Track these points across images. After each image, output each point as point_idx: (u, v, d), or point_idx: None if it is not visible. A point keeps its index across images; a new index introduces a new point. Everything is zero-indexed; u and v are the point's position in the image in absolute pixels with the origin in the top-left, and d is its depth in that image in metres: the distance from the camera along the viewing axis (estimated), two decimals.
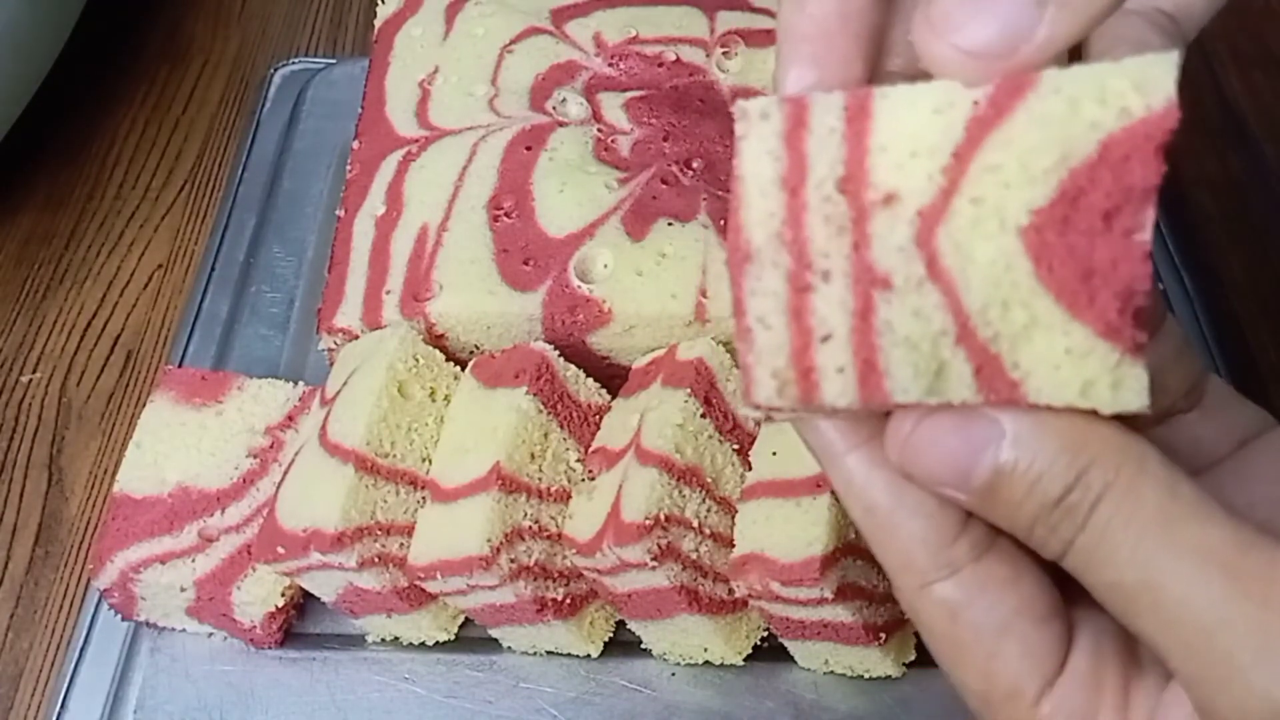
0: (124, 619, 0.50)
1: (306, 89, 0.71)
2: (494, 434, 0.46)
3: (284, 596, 0.48)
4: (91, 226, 0.69)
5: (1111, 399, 0.23)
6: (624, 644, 0.49)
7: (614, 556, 0.43)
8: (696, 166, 0.54)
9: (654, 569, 0.43)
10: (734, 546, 0.45)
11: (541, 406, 0.47)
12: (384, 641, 0.50)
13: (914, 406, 0.24)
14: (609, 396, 0.50)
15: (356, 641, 0.50)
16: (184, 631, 0.50)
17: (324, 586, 0.47)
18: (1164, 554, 0.23)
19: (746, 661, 0.48)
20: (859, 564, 0.43)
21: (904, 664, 0.47)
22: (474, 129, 0.56)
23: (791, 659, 0.49)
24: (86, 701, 0.49)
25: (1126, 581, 0.23)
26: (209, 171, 0.72)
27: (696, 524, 0.44)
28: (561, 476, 0.47)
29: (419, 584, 0.46)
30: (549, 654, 0.49)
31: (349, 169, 0.57)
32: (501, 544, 0.44)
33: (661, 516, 0.43)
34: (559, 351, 0.49)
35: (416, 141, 0.57)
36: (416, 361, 0.49)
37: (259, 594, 0.47)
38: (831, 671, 0.48)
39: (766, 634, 0.49)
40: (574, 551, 0.45)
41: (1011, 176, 0.23)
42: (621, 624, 0.49)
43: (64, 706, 0.49)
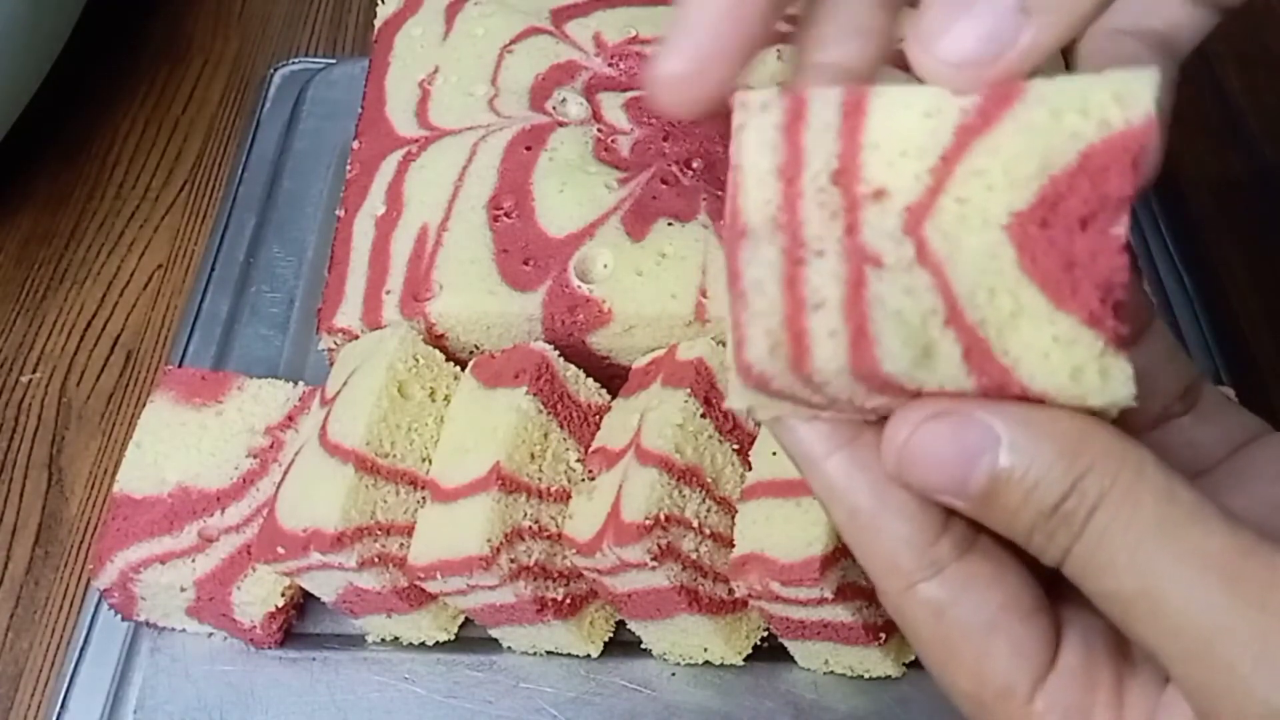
0: (124, 619, 0.50)
1: (306, 89, 0.71)
2: (494, 434, 0.46)
3: (284, 596, 0.48)
4: (91, 226, 0.69)
5: (1100, 387, 0.23)
6: (624, 644, 0.49)
7: (614, 556, 0.43)
8: (696, 166, 0.54)
9: (654, 569, 0.43)
10: (734, 546, 0.45)
11: (541, 406, 0.47)
12: (384, 641, 0.50)
13: (908, 413, 0.25)
14: (609, 396, 0.50)
15: (356, 641, 0.50)
16: (184, 631, 0.50)
17: (324, 586, 0.47)
18: (1162, 560, 0.23)
19: (746, 661, 0.48)
20: (859, 564, 0.43)
21: (904, 664, 0.47)
22: (474, 129, 0.56)
23: (791, 659, 0.49)
24: (86, 701, 0.49)
25: (1125, 589, 0.23)
26: (209, 171, 0.72)
27: (696, 524, 0.44)
28: (561, 476, 0.47)
29: (419, 584, 0.46)
30: (549, 654, 0.49)
31: (349, 169, 0.57)
32: (501, 544, 0.44)
33: (661, 516, 0.43)
34: (559, 351, 0.49)
35: (416, 141, 0.57)
36: (416, 361, 0.49)
37: (259, 594, 0.47)
38: (831, 671, 0.48)
39: (766, 634, 0.49)
40: (574, 551, 0.45)
41: (995, 180, 0.24)
42: (621, 624, 0.49)
43: (64, 706, 0.49)
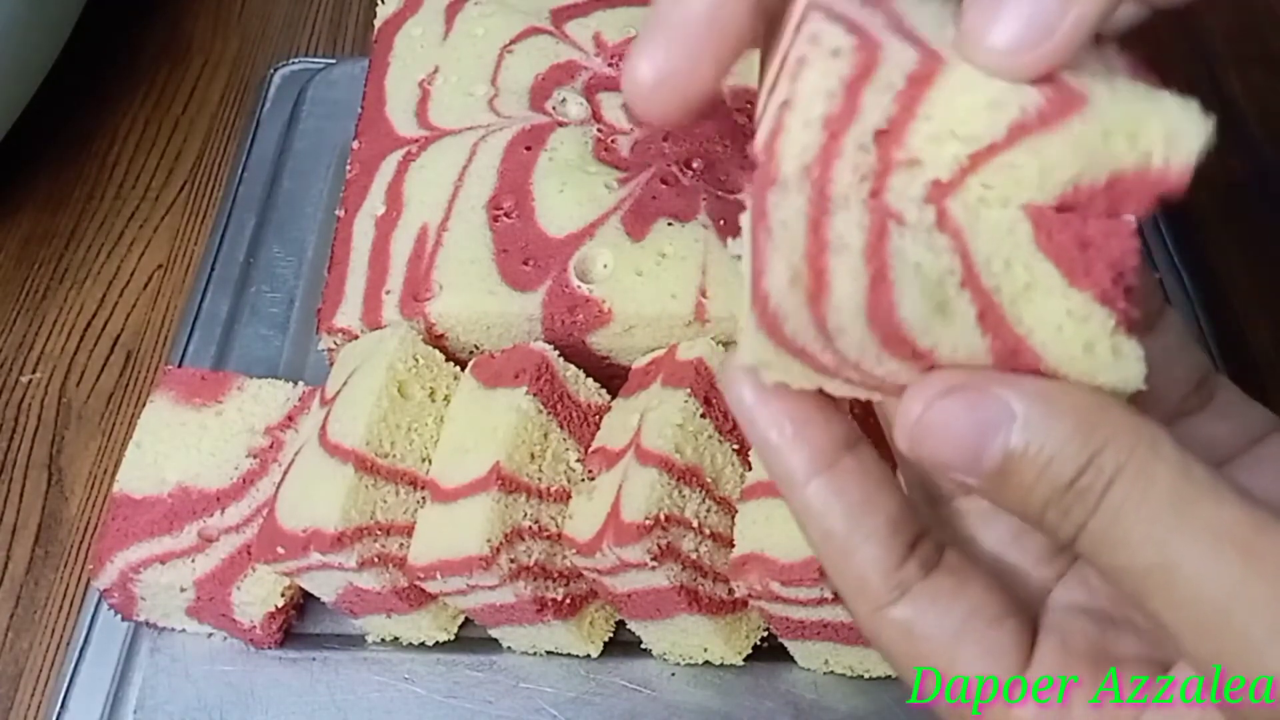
0: (124, 619, 0.50)
1: (306, 89, 0.71)
2: (494, 434, 0.46)
3: (284, 596, 0.48)
4: (91, 226, 0.69)
5: (1112, 364, 0.24)
6: (624, 644, 0.49)
7: (614, 556, 0.43)
8: (696, 166, 0.54)
9: (654, 569, 0.43)
10: (734, 546, 0.45)
11: (541, 406, 0.47)
12: (384, 641, 0.50)
13: (923, 388, 0.25)
14: (609, 396, 0.50)
15: (356, 641, 0.50)
16: (184, 631, 0.50)
17: (324, 586, 0.47)
18: (1178, 534, 0.23)
19: (746, 661, 0.48)
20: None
21: None
22: (474, 129, 0.56)
23: (791, 659, 0.49)
24: (86, 701, 0.49)
25: (1140, 563, 0.23)
26: (209, 171, 0.72)
27: (696, 524, 0.44)
28: (561, 476, 0.47)
29: (419, 584, 0.46)
30: (549, 654, 0.49)
31: (349, 169, 0.57)
32: (501, 544, 0.44)
33: (661, 516, 0.43)
34: (559, 351, 0.49)
35: (416, 141, 0.57)
36: (416, 361, 0.49)
37: (259, 594, 0.47)
38: (831, 671, 0.48)
39: (766, 634, 0.49)
40: (574, 551, 0.45)
41: (1026, 177, 0.24)
42: (621, 624, 0.49)
43: (64, 706, 0.49)
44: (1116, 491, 0.23)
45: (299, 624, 0.50)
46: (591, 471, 0.47)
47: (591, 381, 0.50)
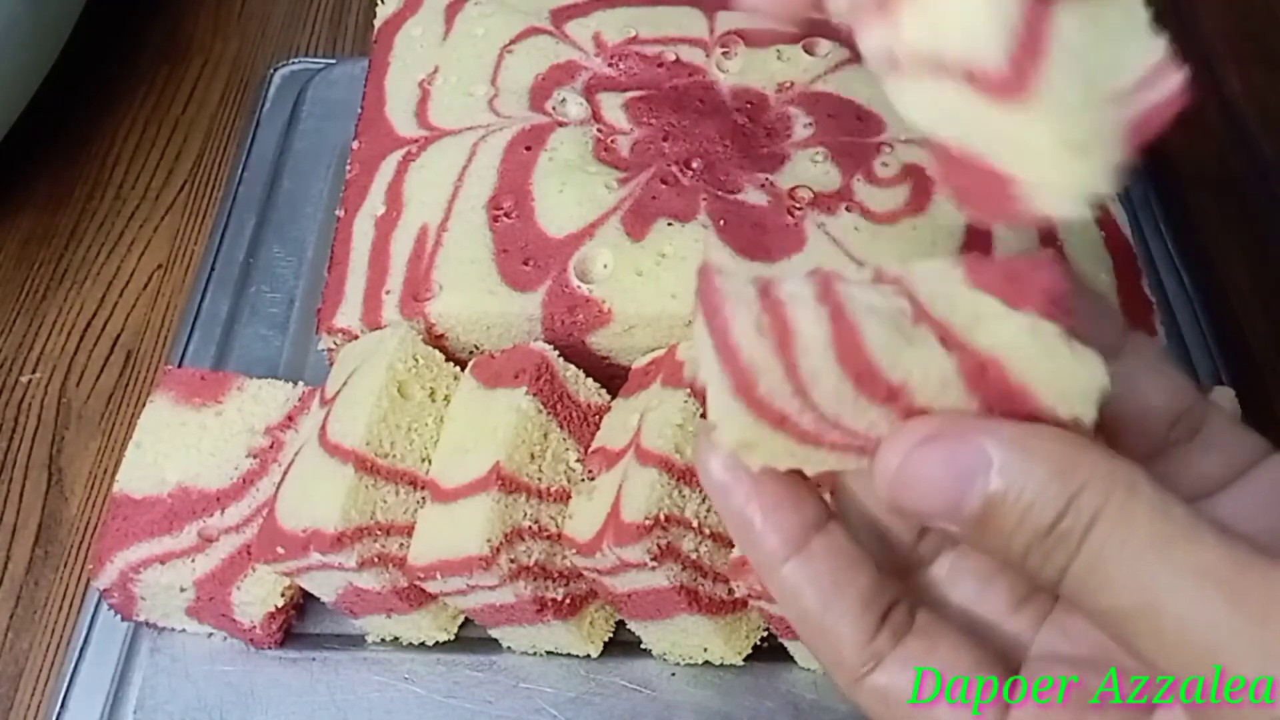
0: (124, 619, 0.50)
1: (306, 89, 0.71)
2: (494, 434, 0.46)
3: (284, 596, 0.48)
4: (91, 226, 0.69)
5: (1078, 366, 0.24)
6: (624, 644, 0.49)
7: (614, 556, 0.43)
8: (696, 166, 0.54)
9: (654, 569, 0.43)
10: (734, 546, 0.45)
11: (541, 406, 0.47)
12: (384, 641, 0.50)
13: (899, 439, 0.25)
14: (609, 396, 0.50)
15: (356, 641, 0.50)
16: (184, 631, 0.50)
17: (324, 586, 0.47)
18: (1161, 575, 0.23)
19: (746, 661, 0.48)
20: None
21: None
22: (474, 129, 0.56)
23: (791, 659, 0.49)
24: (86, 701, 0.49)
25: (1124, 604, 0.23)
26: (209, 171, 0.72)
27: (696, 524, 0.44)
28: (561, 476, 0.47)
29: (419, 584, 0.46)
30: (549, 654, 0.49)
31: (349, 169, 0.57)
32: (501, 544, 0.44)
33: (661, 516, 0.43)
34: (559, 351, 0.49)
35: (416, 141, 0.57)
36: (416, 361, 0.49)
37: (259, 594, 0.47)
38: (835, 683, 0.48)
39: (766, 634, 0.49)
40: (574, 551, 0.45)
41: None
42: (621, 624, 0.49)
43: (64, 706, 0.49)
44: (1097, 533, 0.23)
45: (299, 624, 0.50)
46: (591, 471, 0.47)
47: (591, 381, 0.50)
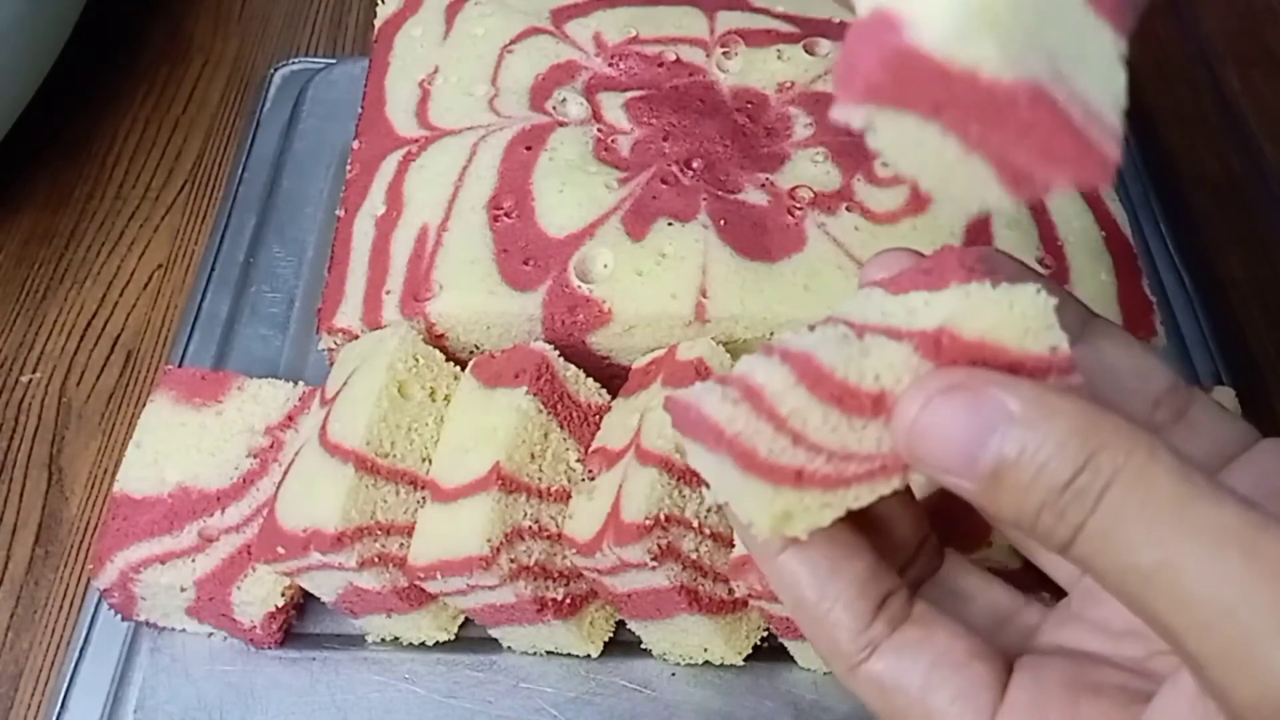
0: (124, 619, 0.50)
1: (306, 89, 0.71)
2: (494, 434, 0.46)
3: (284, 596, 0.48)
4: (91, 226, 0.69)
5: (1019, 305, 0.26)
6: (624, 644, 0.49)
7: (614, 556, 0.43)
8: (696, 166, 0.54)
9: (654, 569, 0.43)
10: (734, 546, 0.45)
11: (541, 406, 0.47)
12: (384, 641, 0.50)
13: (920, 388, 0.26)
14: (609, 396, 0.50)
15: (356, 641, 0.50)
16: (184, 631, 0.50)
17: (324, 586, 0.47)
18: (1180, 535, 0.23)
19: (746, 661, 0.48)
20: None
21: None
22: (474, 129, 0.56)
23: (791, 659, 0.49)
24: (86, 701, 0.49)
25: (1143, 563, 0.23)
26: (209, 171, 0.72)
27: (696, 524, 0.44)
28: (561, 476, 0.47)
29: (419, 584, 0.46)
30: (549, 654, 0.49)
31: (349, 169, 0.57)
32: (501, 544, 0.44)
33: (661, 516, 0.43)
34: (559, 351, 0.49)
35: (416, 141, 0.57)
36: (416, 361, 0.49)
37: (259, 594, 0.47)
38: (831, 671, 0.48)
39: (766, 634, 0.49)
40: (574, 551, 0.45)
41: None
42: (621, 624, 0.49)
43: (64, 706, 0.48)
44: (1116, 492, 0.23)
45: (299, 624, 0.50)
46: (591, 471, 0.47)
47: (591, 381, 0.50)
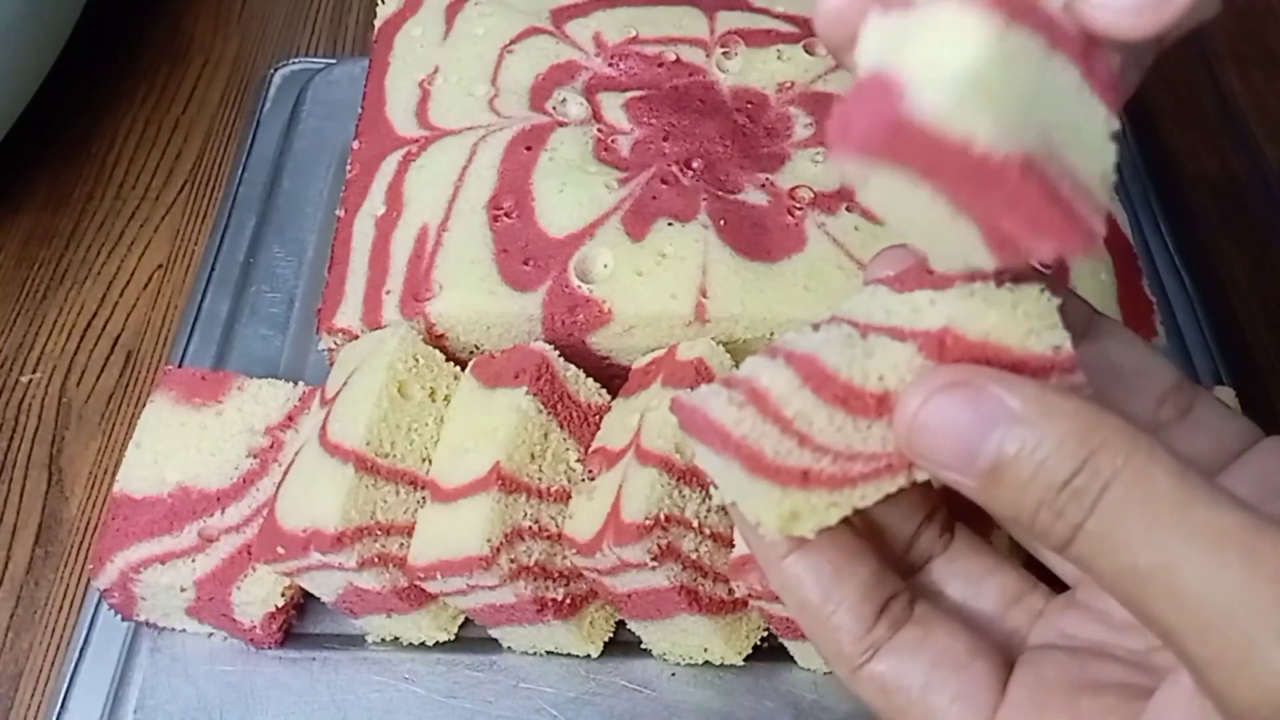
0: (124, 619, 0.50)
1: (306, 89, 0.71)
2: (494, 434, 0.46)
3: (284, 596, 0.48)
4: (91, 226, 0.69)
5: (1023, 305, 0.26)
6: (624, 644, 0.49)
7: (614, 556, 0.43)
8: (696, 166, 0.54)
9: (654, 569, 0.43)
10: (734, 546, 0.45)
11: (541, 406, 0.47)
12: (384, 641, 0.50)
13: (922, 384, 0.26)
14: (609, 396, 0.50)
15: (356, 641, 0.50)
16: (184, 631, 0.50)
17: (324, 586, 0.47)
18: (1179, 536, 0.23)
19: (746, 661, 0.48)
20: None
21: None
22: (474, 129, 0.56)
23: (791, 659, 0.49)
24: (86, 701, 0.49)
25: (1141, 564, 0.23)
26: (209, 171, 0.72)
27: (696, 524, 0.44)
28: (561, 476, 0.47)
29: (419, 584, 0.46)
30: (549, 654, 0.49)
31: (349, 169, 0.57)
32: (501, 544, 0.44)
33: (661, 516, 0.43)
34: (559, 351, 0.49)
35: (416, 141, 0.57)
36: (416, 361, 0.49)
37: (259, 594, 0.47)
38: (831, 671, 0.48)
39: (766, 634, 0.49)
40: (574, 551, 0.45)
41: None
42: (621, 624, 0.49)
43: (64, 706, 0.48)
44: (1115, 492, 0.23)
45: (299, 624, 0.50)
46: (591, 471, 0.47)
47: (591, 381, 0.50)
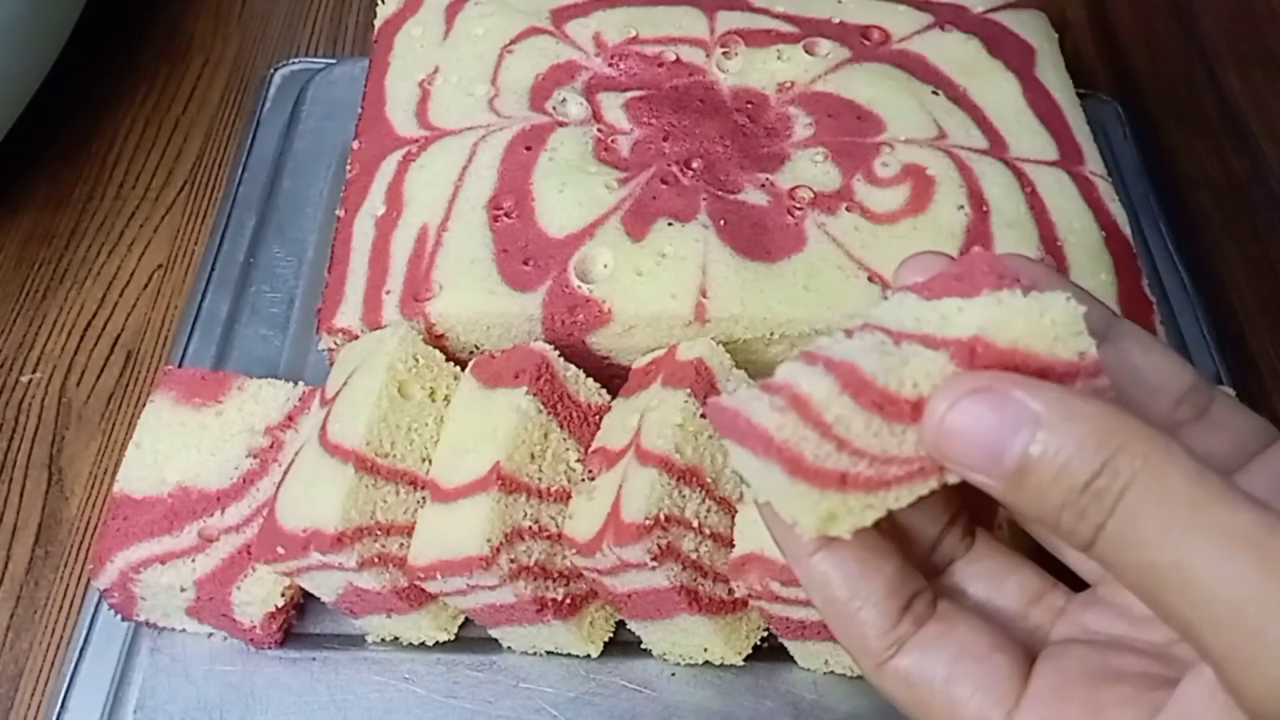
0: (124, 619, 0.50)
1: (306, 89, 0.71)
2: (494, 434, 0.46)
3: (284, 596, 0.48)
4: (91, 226, 0.69)
5: (1049, 313, 0.27)
6: (624, 644, 0.49)
7: (614, 556, 0.43)
8: (696, 166, 0.54)
9: (654, 569, 0.43)
10: (734, 546, 0.45)
11: (541, 406, 0.47)
12: (384, 641, 0.50)
13: (949, 389, 0.26)
14: (609, 396, 0.50)
15: (356, 641, 0.50)
16: (184, 631, 0.50)
17: (324, 586, 0.47)
18: (1194, 535, 0.24)
19: (746, 661, 0.48)
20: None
21: None
22: (474, 129, 0.56)
23: (791, 659, 0.49)
24: (86, 701, 0.49)
25: (1158, 563, 0.24)
26: (209, 171, 0.72)
27: (696, 524, 0.44)
28: (561, 476, 0.47)
29: (419, 584, 0.46)
30: (549, 654, 0.49)
31: (349, 169, 0.57)
32: (501, 544, 0.44)
33: (661, 516, 0.43)
34: (559, 351, 0.49)
35: (416, 141, 0.57)
36: (416, 361, 0.49)
37: (259, 594, 0.47)
38: (831, 671, 0.48)
39: (766, 634, 0.49)
40: (574, 551, 0.45)
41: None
42: (621, 624, 0.49)
43: (64, 706, 0.48)
44: (1134, 493, 0.24)
45: (299, 624, 0.50)
46: (591, 471, 0.47)
47: (591, 381, 0.50)
